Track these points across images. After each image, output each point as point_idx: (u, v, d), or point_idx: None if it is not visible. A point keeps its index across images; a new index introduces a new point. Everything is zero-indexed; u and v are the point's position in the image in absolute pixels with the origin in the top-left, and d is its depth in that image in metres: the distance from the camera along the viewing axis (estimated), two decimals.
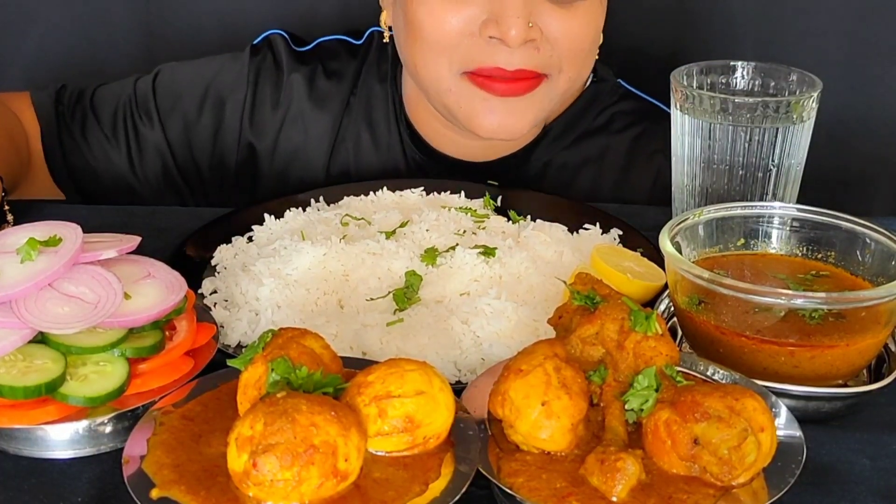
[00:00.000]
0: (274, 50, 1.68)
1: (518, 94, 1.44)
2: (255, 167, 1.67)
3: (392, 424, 0.89)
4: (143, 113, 1.66)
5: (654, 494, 0.88)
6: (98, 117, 1.65)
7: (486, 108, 1.46)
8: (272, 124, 1.66)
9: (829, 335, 1.07)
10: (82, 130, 1.64)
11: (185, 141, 1.67)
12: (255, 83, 1.67)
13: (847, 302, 1.06)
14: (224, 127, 1.67)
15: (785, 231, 1.21)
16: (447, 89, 1.48)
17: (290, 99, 1.66)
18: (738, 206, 1.21)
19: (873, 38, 1.96)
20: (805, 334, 1.07)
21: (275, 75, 1.67)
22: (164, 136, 1.66)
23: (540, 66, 1.44)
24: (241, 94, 1.67)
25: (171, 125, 1.66)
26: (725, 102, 1.24)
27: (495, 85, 1.44)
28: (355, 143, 1.65)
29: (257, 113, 1.66)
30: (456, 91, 1.47)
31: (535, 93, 1.46)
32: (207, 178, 1.69)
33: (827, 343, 1.06)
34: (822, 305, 1.06)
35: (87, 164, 1.65)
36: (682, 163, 1.31)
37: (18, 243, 1.04)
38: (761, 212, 1.21)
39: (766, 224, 1.21)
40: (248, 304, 1.22)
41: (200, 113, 1.66)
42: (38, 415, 0.97)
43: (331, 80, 1.66)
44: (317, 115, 1.66)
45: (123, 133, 1.66)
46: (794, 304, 1.07)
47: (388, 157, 1.64)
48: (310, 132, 1.66)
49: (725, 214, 1.20)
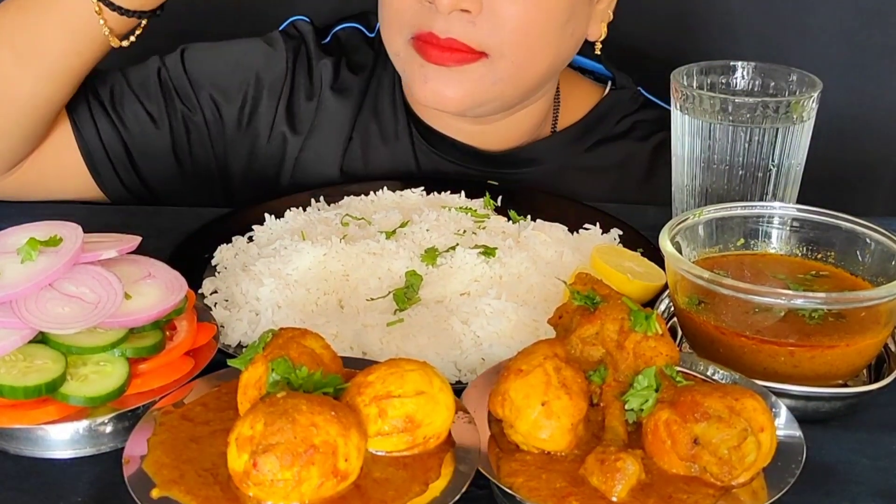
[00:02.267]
0: (304, 37, 1.66)
1: (448, 64, 1.43)
2: (283, 157, 1.63)
3: (392, 424, 0.89)
4: (179, 91, 1.60)
5: (654, 494, 0.88)
6: (136, 94, 1.58)
7: (422, 75, 1.46)
8: (307, 115, 1.63)
9: (829, 335, 1.07)
10: (113, 105, 1.57)
11: (218, 124, 1.61)
12: (294, 70, 1.63)
13: (847, 302, 1.07)
14: (258, 114, 1.62)
15: (785, 231, 1.21)
16: (396, 54, 1.50)
17: (319, 89, 1.64)
18: (738, 206, 1.21)
19: (873, 38, 1.96)
20: (805, 334, 1.07)
21: (306, 64, 1.64)
22: (202, 117, 1.60)
23: (475, 42, 1.42)
24: (279, 81, 1.62)
25: (205, 105, 1.61)
26: (725, 102, 1.24)
27: (429, 51, 1.44)
28: (363, 134, 1.64)
29: (293, 101, 1.63)
30: (402, 56, 1.48)
31: (470, 68, 1.44)
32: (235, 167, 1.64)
33: (827, 343, 1.06)
34: (821, 305, 1.06)
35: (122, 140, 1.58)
36: (682, 163, 1.31)
37: (19, 243, 1.04)
38: (761, 212, 1.21)
39: (765, 224, 1.21)
40: (249, 304, 1.22)
41: (236, 97, 1.61)
42: (38, 415, 0.97)
43: (353, 73, 1.65)
44: (337, 106, 1.63)
45: (164, 108, 1.59)
46: (793, 305, 1.07)
47: (396, 148, 1.63)
48: (331, 124, 1.64)
49: (725, 214, 1.20)
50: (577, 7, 1.48)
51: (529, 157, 1.62)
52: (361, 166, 1.63)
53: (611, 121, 1.64)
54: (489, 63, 1.44)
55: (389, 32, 1.49)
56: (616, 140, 1.64)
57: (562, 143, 1.63)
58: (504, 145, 1.61)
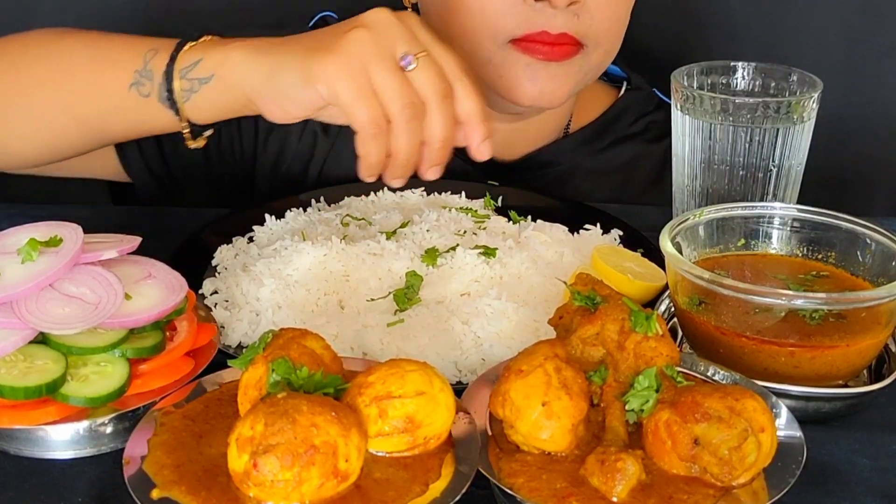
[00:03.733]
0: None
1: (558, 58, 1.45)
2: (311, 156, 1.62)
3: (392, 425, 0.89)
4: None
5: (655, 495, 0.88)
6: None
7: (529, 74, 1.46)
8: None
9: (830, 336, 1.07)
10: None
11: (251, 119, 1.57)
12: None
13: (847, 302, 1.07)
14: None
15: (785, 231, 1.21)
16: (486, 60, 1.47)
17: None
18: (739, 207, 1.21)
19: (873, 39, 1.96)
20: (805, 335, 1.07)
21: None
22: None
23: (580, 33, 1.45)
24: None
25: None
26: (726, 103, 1.24)
27: (537, 48, 1.44)
28: None
29: None
30: (496, 61, 1.47)
31: (573, 61, 1.46)
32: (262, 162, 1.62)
33: (827, 343, 1.06)
34: (822, 306, 1.06)
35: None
36: (682, 163, 1.31)
37: (19, 243, 1.04)
38: (762, 212, 1.21)
39: (766, 224, 1.21)
40: (249, 305, 1.22)
41: None
42: (38, 415, 0.97)
43: None
44: None
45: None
46: (794, 305, 1.07)
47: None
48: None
49: (726, 215, 1.20)
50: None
51: (543, 161, 1.62)
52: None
53: (626, 121, 1.65)
54: (585, 53, 1.47)
55: (478, 39, 1.46)
56: (628, 140, 1.64)
57: (576, 144, 1.63)
58: (520, 150, 1.61)
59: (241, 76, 1.23)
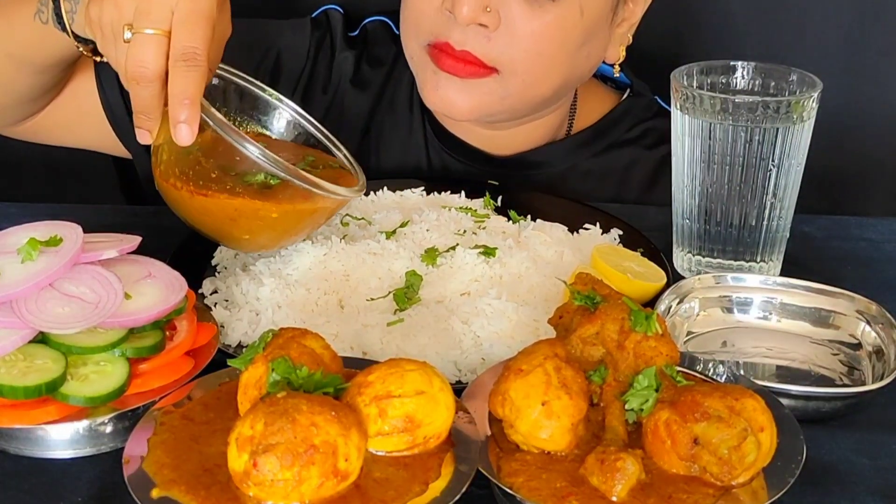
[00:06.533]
0: (332, 28, 1.65)
1: (462, 75, 1.44)
2: None
3: (392, 424, 0.89)
4: None
5: (654, 494, 0.88)
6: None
7: (434, 81, 1.46)
8: (319, 107, 1.62)
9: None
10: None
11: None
12: (315, 59, 1.63)
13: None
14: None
15: None
16: (410, 57, 1.51)
17: (337, 82, 1.63)
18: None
19: (873, 39, 1.95)
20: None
21: (328, 55, 1.64)
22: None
23: (489, 57, 1.42)
24: (298, 68, 1.62)
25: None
26: (725, 102, 1.24)
27: (443, 59, 1.44)
28: (378, 128, 1.63)
29: (309, 91, 1.63)
30: (416, 60, 1.49)
31: (481, 82, 1.45)
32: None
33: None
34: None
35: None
36: (682, 163, 1.31)
37: (19, 243, 1.04)
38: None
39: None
40: (249, 304, 1.22)
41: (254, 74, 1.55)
42: (38, 415, 0.97)
43: (371, 66, 1.65)
44: (355, 99, 1.63)
45: None
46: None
47: (409, 144, 1.62)
48: (345, 117, 1.63)
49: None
50: (596, 30, 1.48)
51: (538, 160, 1.62)
52: (374, 161, 1.63)
53: (623, 126, 1.64)
54: (500, 79, 1.45)
55: (406, 36, 1.50)
56: (625, 145, 1.64)
57: (572, 146, 1.62)
58: (515, 150, 1.61)
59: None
